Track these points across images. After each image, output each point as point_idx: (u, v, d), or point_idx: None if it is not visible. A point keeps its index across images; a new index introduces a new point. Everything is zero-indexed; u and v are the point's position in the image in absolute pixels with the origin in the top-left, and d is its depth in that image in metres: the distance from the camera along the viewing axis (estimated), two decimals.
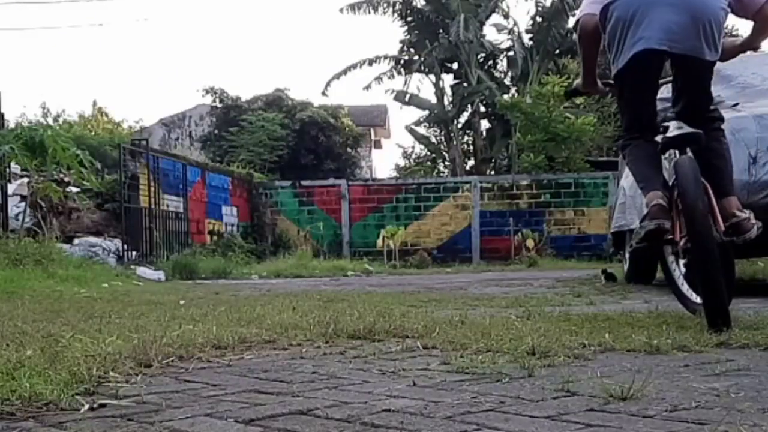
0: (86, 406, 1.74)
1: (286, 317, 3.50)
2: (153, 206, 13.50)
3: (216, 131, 23.78)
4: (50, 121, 27.32)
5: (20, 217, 10.68)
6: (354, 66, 24.34)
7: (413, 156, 31.13)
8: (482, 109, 25.19)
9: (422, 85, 53.78)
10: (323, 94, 24.52)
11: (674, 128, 3.30)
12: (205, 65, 61.90)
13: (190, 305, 4.72)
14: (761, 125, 4.96)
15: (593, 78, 3.75)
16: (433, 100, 25.27)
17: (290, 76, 71.12)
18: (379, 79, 24.56)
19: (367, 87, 24.81)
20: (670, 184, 3.25)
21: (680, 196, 3.08)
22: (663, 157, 3.38)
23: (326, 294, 6.09)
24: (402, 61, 25.20)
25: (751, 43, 3.55)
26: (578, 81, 3.94)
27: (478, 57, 24.67)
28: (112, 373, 2.12)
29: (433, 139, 27.51)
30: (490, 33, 27.11)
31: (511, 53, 24.89)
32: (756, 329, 2.83)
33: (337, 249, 17.33)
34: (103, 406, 1.77)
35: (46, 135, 10.13)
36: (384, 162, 46.27)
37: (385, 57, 24.89)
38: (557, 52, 24.04)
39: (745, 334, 2.68)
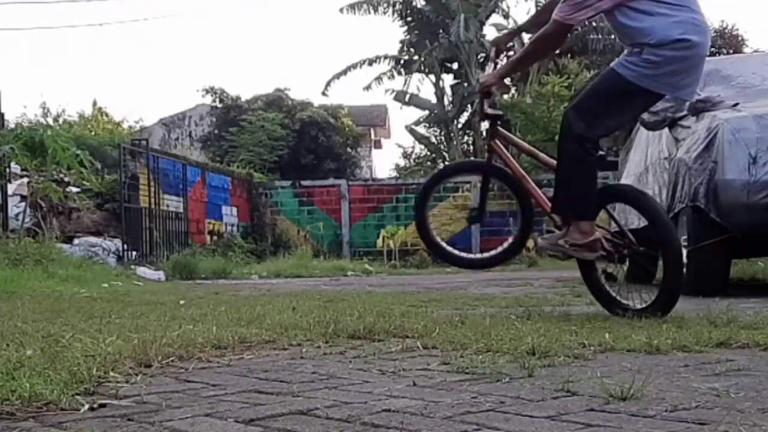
0: (86, 406, 1.74)
1: (286, 317, 3.50)
2: (153, 206, 13.50)
3: (216, 131, 23.78)
4: (50, 121, 27.25)
5: (20, 217, 10.68)
6: (354, 66, 24.32)
7: (413, 156, 31.13)
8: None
9: (422, 85, 53.76)
10: (323, 94, 24.52)
11: None
12: (205, 65, 61.90)
13: (190, 305, 4.72)
14: (761, 125, 4.96)
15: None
16: (433, 100, 25.25)
17: (290, 76, 71.21)
18: (379, 79, 24.54)
19: (367, 87, 24.80)
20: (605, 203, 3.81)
21: (654, 219, 3.58)
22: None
23: (326, 294, 6.09)
24: (402, 61, 25.18)
25: None
26: (491, 75, 3.87)
27: (478, 57, 24.64)
28: (112, 373, 2.12)
29: (433, 139, 27.50)
30: (490, 33, 27.07)
31: (511, 53, 24.88)
32: (756, 329, 2.83)
33: (337, 249, 17.32)
34: (103, 406, 1.76)
35: (46, 135, 10.14)
36: (384, 162, 46.30)
37: (385, 57, 24.87)
38: (557, 52, 24.03)
39: (745, 334, 2.68)
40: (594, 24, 22.75)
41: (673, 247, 3.55)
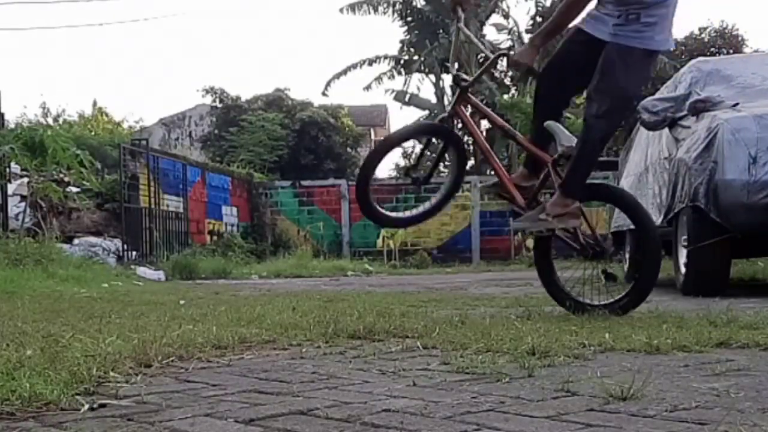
0: (86, 406, 1.74)
1: (286, 317, 3.50)
2: (153, 206, 13.49)
3: (216, 131, 23.79)
4: (50, 121, 27.30)
5: (20, 217, 10.67)
6: (354, 66, 24.32)
7: (413, 156, 31.11)
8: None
9: (422, 85, 53.87)
10: (323, 94, 24.52)
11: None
12: (205, 65, 61.92)
13: (190, 305, 4.72)
14: (761, 125, 4.96)
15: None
16: (433, 100, 25.24)
17: (290, 76, 71.13)
18: (379, 79, 24.54)
19: (367, 87, 24.79)
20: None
21: (640, 222, 3.79)
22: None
23: (326, 294, 6.09)
24: (402, 61, 25.18)
25: None
26: (527, 51, 3.74)
27: (478, 57, 24.63)
28: (112, 373, 2.12)
29: (433, 139, 27.46)
30: (490, 33, 27.15)
31: (511, 53, 24.86)
32: (756, 329, 2.83)
33: (337, 249, 17.32)
34: (103, 406, 1.76)
35: (46, 135, 10.14)
36: (384, 162, 46.16)
37: (385, 57, 24.87)
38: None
39: (745, 334, 2.68)
40: None
41: (653, 245, 3.76)
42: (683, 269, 5.44)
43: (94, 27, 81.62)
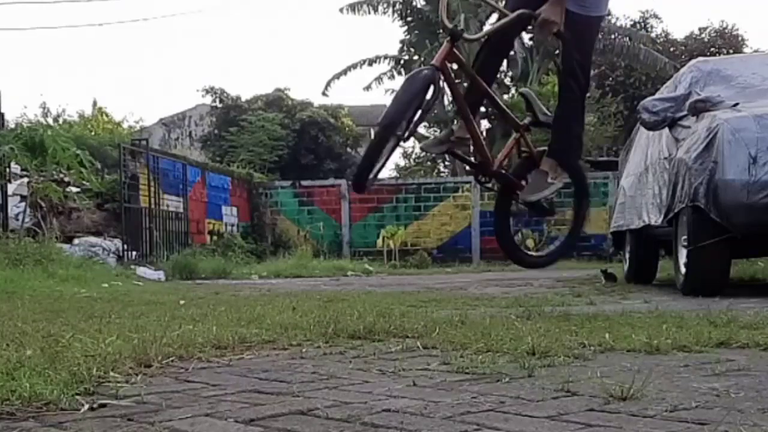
0: (86, 406, 1.74)
1: (286, 317, 3.50)
2: (153, 206, 13.50)
3: (216, 131, 23.79)
4: (50, 121, 27.23)
5: (20, 217, 10.68)
6: (354, 66, 24.31)
7: (413, 156, 31.13)
8: (482, 109, 25.15)
9: None
10: (323, 94, 24.50)
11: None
12: (205, 65, 61.88)
13: (190, 305, 4.72)
14: (761, 125, 4.96)
15: None
16: None
17: (290, 76, 71.17)
18: (379, 79, 24.52)
19: (367, 87, 24.79)
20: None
21: (578, 174, 4.44)
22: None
23: (326, 294, 6.09)
24: (402, 61, 25.16)
25: None
26: (553, 11, 3.53)
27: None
28: (112, 373, 2.11)
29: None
30: None
31: (511, 53, 24.85)
32: (756, 329, 2.83)
33: (337, 249, 17.32)
34: (103, 406, 1.76)
35: (46, 135, 10.15)
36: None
37: (385, 57, 24.85)
38: (557, 52, 24.01)
39: (745, 334, 2.68)
40: None
41: (585, 201, 4.49)
42: (683, 269, 5.45)
43: (94, 27, 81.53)
